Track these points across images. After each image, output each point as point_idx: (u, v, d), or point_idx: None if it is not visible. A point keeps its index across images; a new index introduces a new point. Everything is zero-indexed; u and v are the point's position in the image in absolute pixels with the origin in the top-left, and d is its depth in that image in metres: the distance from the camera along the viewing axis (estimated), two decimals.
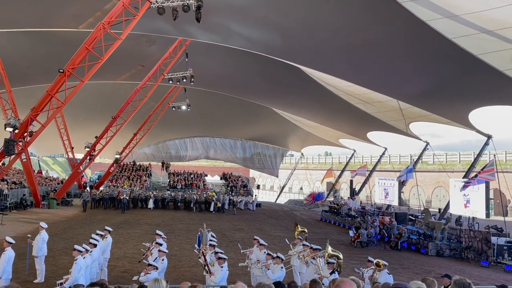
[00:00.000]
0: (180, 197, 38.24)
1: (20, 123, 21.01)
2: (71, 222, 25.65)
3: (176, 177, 47.74)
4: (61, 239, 19.38)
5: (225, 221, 29.69)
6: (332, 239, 19.18)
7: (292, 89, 33.13)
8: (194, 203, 36.36)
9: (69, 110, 38.07)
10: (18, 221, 24.95)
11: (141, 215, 31.43)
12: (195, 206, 36.19)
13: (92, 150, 36.81)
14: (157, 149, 57.23)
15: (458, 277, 5.01)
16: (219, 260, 10.03)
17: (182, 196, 38.18)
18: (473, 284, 5.00)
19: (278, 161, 58.99)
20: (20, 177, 36.68)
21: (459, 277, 4.98)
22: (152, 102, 40.39)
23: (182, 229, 24.61)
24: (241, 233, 24.20)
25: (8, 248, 10.61)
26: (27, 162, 30.93)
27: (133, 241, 19.77)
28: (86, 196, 33.62)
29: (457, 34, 16.34)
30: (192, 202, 36.34)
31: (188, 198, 37.33)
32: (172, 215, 32.24)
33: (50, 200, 33.53)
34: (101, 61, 20.69)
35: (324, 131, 43.15)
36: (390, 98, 26.85)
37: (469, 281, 4.85)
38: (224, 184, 49.55)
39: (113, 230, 14.35)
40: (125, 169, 48.64)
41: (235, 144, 57.46)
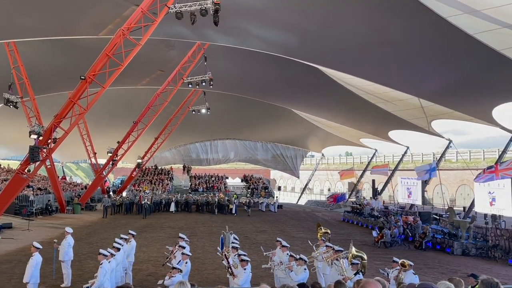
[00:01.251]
0: (191, 200, 38.66)
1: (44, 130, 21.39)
2: (96, 227, 26.01)
3: (197, 180, 48.04)
4: (86, 243, 19.67)
5: (247, 223, 29.72)
6: (355, 239, 19.03)
7: (312, 90, 33.00)
8: (206, 205, 37.06)
9: (91, 116, 38.69)
10: (44, 226, 25.41)
11: (163, 218, 31.69)
12: (204, 208, 37.02)
13: (114, 155, 37.25)
14: (178, 153, 57.68)
15: (485, 276, 4.93)
16: (242, 262, 10.04)
17: (194, 199, 38.45)
18: (501, 283, 4.90)
19: (298, 162, 58.83)
20: (45, 183, 37.34)
21: (486, 277, 4.89)
22: (172, 106, 40.72)
23: (204, 232, 24.72)
24: (263, 235, 24.19)
25: (36, 253, 10.82)
26: (51, 168, 31.59)
27: (157, 244, 19.94)
28: (107, 201, 33.13)
29: (478, 29, 16.06)
30: (205, 205, 37.17)
31: (200, 201, 37.72)
32: (194, 218, 32.43)
33: (74, 205, 34.09)
34: (121, 67, 20.94)
35: (345, 131, 42.87)
36: (411, 96, 26.53)
37: (497, 281, 4.76)
38: (245, 186, 49.63)
39: (136, 234, 14.51)
40: (147, 173, 49.16)
41: (256, 146, 57.54)
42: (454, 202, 41.79)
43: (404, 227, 24.45)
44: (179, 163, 56.37)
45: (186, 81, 32.70)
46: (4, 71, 28.14)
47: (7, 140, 46.17)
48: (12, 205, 26.89)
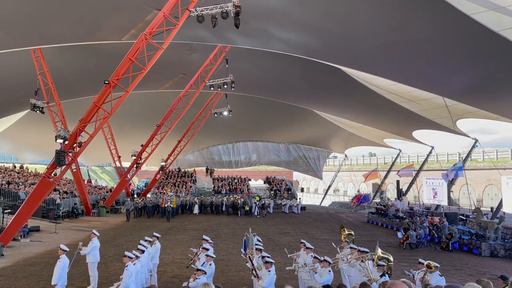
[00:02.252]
0: (208, 201, 38.89)
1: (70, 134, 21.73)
2: (121, 229, 26.33)
3: (220, 182, 48.21)
4: (111, 246, 19.92)
5: (270, 225, 29.70)
6: (380, 241, 18.82)
7: (334, 91, 32.82)
8: (220, 207, 37.61)
9: (115, 120, 39.17)
10: (71, 229, 25.85)
11: (187, 220, 31.91)
12: (219, 209, 37.52)
13: (138, 158, 37.67)
14: (201, 155, 58.01)
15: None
16: (266, 264, 10.03)
17: (210, 201, 38.61)
18: None
19: (321, 163, 58.54)
20: (71, 187, 37.96)
21: None
22: (194, 109, 40.99)
23: (228, 234, 24.79)
24: (287, 236, 24.13)
25: (63, 255, 11.00)
26: (77, 172, 32.11)
27: (181, 246, 20.07)
28: (129, 205, 32.77)
29: (504, 26, 15.72)
30: (220, 206, 37.66)
31: (216, 202, 38.00)
32: (218, 220, 32.55)
33: (100, 208, 34.61)
34: (144, 71, 21.16)
35: (368, 132, 42.48)
36: (435, 95, 26.14)
37: None
38: (267, 188, 49.59)
39: (161, 236, 14.63)
40: (170, 176, 49.59)
41: (278, 147, 57.49)
42: (481, 202, 40.99)
43: (430, 228, 24.08)
44: (202, 166, 56.70)
45: (208, 84, 32.87)
46: (30, 77, 28.73)
47: (34, 145, 47.17)
48: (40, 209, 27.41)
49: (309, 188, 70.75)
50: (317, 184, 68.68)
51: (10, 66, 27.60)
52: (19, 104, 33.39)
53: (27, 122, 39.13)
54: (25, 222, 21.54)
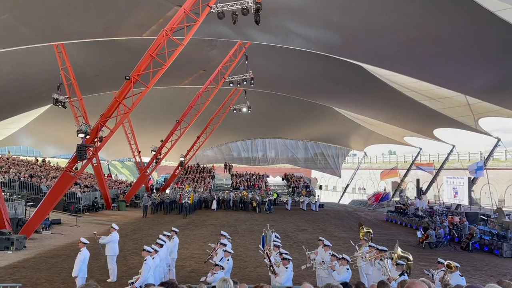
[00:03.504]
0: (219, 197, 38.95)
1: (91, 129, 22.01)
2: (140, 224, 26.60)
3: (238, 179, 48.30)
4: (131, 239, 20.14)
5: (288, 222, 29.68)
6: (399, 240, 18.64)
7: (354, 88, 32.58)
8: (231, 203, 37.94)
9: (136, 115, 39.53)
10: (91, 223, 26.21)
11: (205, 216, 32.08)
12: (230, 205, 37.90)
13: (158, 154, 37.94)
14: (219, 152, 58.23)
15: None
16: (284, 261, 10.03)
17: (216, 196, 38.70)
18: None
19: (340, 161, 58.23)
20: (91, 181, 38.48)
21: None
22: (214, 105, 41.11)
23: (246, 230, 24.85)
24: (304, 234, 24.09)
25: (83, 248, 11.18)
26: (97, 166, 32.52)
27: (199, 241, 20.19)
28: (146, 200, 32.26)
29: None
30: (231, 201, 37.95)
31: (225, 198, 38.39)
32: (235, 216, 32.65)
33: (119, 202, 35.00)
34: (164, 67, 21.29)
35: (388, 129, 42.09)
36: (457, 93, 25.75)
37: None
38: (286, 185, 49.53)
39: (179, 231, 14.74)
40: (189, 171, 49.86)
41: (297, 144, 57.39)
42: (503, 202, 40.24)
43: (450, 228, 23.78)
44: (221, 162, 56.89)
45: (228, 80, 32.92)
46: (53, 73, 29.15)
47: (56, 139, 47.90)
48: (61, 202, 27.85)
49: (328, 186, 70.42)
50: (335, 181, 68.30)
51: (33, 62, 28.05)
52: (41, 99, 33.92)
53: (50, 116, 39.71)
54: (47, 215, 21.91)
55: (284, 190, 47.56)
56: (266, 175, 50.96)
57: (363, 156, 59.76)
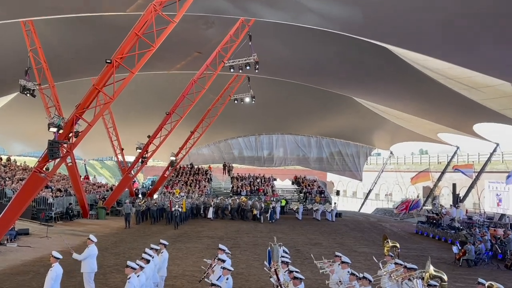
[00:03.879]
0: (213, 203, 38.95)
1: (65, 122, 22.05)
2: (123, 235, 26.65)
3: (240, 182, 48.35)
4: (112, 254, 20.18)
5: (299, 234, 29.70)
6: (431, 256, 18.61)
7: (379, 74, 32.47)
8: (227, 211, 38.18)
9: (118, 106, 39.59)
10: (65, 233, 26.25)
11: (200, 226, 32.11)
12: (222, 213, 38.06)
13: (144, 152, 37.97)
14: (217, 150, 58.28)
15: None
16: (294, 281, 10.01)
17: (214, 202, 38.72)
18: None
19: (361, 161, 58.12)
20: (65, 184, 38.52)
21: None
22: (211, 95, 41.09)
23: (248, 243, 24.87)
24: (318, 248, 24.09)
25: (55, 264, 11.15)
26: (72, 167, 32.59)
27: (193, 256, 20.22)
28: (128, 208, 31.26)
29: None
30: (227, 210, 38.19)
31: (221, 205, 38.42)
32: (236, 226, 32.69)
33: (98, 209, 35.08)
34: (152, 49, 21.30)
35: (419, 124, 41.98)
36: (503, 82, 25.61)
37: None
38: (296, 189, 49.53)
39: (169, 244, 14.75)
40: (181, 173, 49.94)
41: (309, 142, 57.37)
42: None
43: (492, 242, 23.70)
44: (219, 162, 56.93)
45: (227, 65, 32.89)
46: (20, 55, 29.11)
47: (23, 134, 47.93)
48: (29, 209, 27.84)
49: (346, 191, 70.38)
50: (355, 186, 68.25)
51: None
52: (6, 86, 33.95)
53: (16, 107, 39.72)
54: (12, 224, 21.97)
55: (294, 196, 47.59)
56: (273, 178, 51.05)
57: (389, 156, 59.65)
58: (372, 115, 45.84)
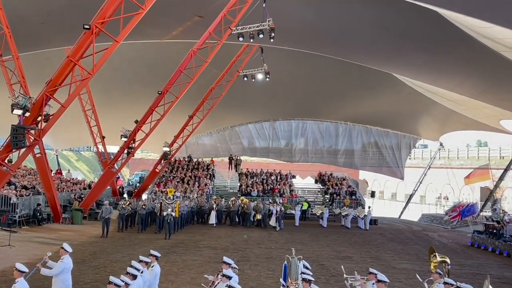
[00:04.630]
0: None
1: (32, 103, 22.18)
2: (103, 244, 26.75)
3: (250, 179, 48.33)
4: (90, 267, 20.27)
5: (323, 245, 29.68)
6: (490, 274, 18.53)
7: (426, 45, 32.30)
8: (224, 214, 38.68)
9: (99, 84, 39.67)
10: (31, 241, 26.39)
11: (200, 234, 32.18)
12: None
13: (131, 141, 38.01)
14: (222, 139, 58.32)
15: None
16: None
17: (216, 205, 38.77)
18: None
19: (403, 155, 57.88)
20: (32, 180, 38.69)
21: None
22: (214, 70, 41.10)
23: (260, 256, 24.89)
24: (347, 263, 24.03)
25: (20, 279, 11.18)
26: (41, 158, 32.64)
27: (190, 272, 20.27)
28: (107, 211, 30.43)
29: None
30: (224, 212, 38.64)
31: (214, 207, 38.40)
32: (244, 234, 32.70)
33: (74, 212, 35.18)
34: (142, 12, 21.32)
35: (476, 108, 41.74)
36: None
37: None
38: (320, 190, 49.50)
39: (161, 256, 14.78)
40: (177, 167, 50.03)
41: (337, 130, 57.17)
42: None
43: None
44: (224, 155, 57.03)
45: (235, 32, 32.82)
46: None
47: None
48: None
49: (383, 193, 70.27)
50: (395, 186, 68.10)
51: None
52: None
53: None
54: None
55: (317, 198, 47.60)
56: (292, 175, 51.02)
57: (438, 149, 59.34)
58: (417, 97, 45.59)
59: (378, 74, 42.46)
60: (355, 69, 41.65)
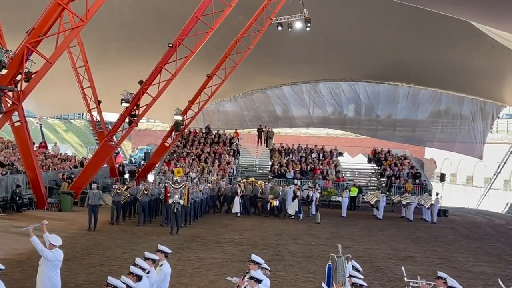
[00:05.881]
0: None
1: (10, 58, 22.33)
2: (99, 237, 26.99)
3: (284, 157, 48.27)
4: (82, 266, 20.48)
5: (378, 242, 29.62)
6: None
7: None
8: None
9: (94, 34, 39.80)
10: (9, 232, 26.73)
11: (221, 225, 32.35)
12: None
13: (134, 107, 38.08)
14: (249, 105, 58.25)
15: None
16: None
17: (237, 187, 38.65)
18: None
19: (483, 127, 57.38)
20: (9, 155, 39.05)
21: None
22: (240, 17, 41.01)
23: (297, 254, 24.96)
24: (409, 264, 24.03)
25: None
26: (21, 128, 32.92)
27: (209, 273, 20.40)
28: (95, 196, 30.06)
29: None
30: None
31: (224, 191, 38.80)
32: (277, 227, 32.81)
33: (62, 196, 35.45)
34: None
35: None
36: None
37: None
38: (375, 171, 49.37)
39: (173, 253, 14.89)
40: (192, 141, 50.07)
41: (396, 94, 56.68)
42: None
43: None
44: (251, 126, 57.02)
45: None
46: None
47: None
48: None
49: (456, 176, 69.82)
50: (472, 168, 67.60)
51: None
52: None
53: None
54: None
55: (371, 182, 47.52)
56: (338, 152, 50.84)
57: None
58: (500, 50, 45.09)
59: (451, 22, 42.02)
60: (420, 16, 41.26)
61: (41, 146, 48.82)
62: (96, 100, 45.08)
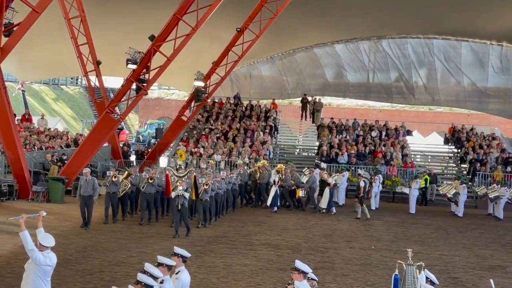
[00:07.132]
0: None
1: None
2: (99, 236, 27.21)
3: (336, 136, 48.22)
4: (77, 272, 20.67)
5: (458, 247, 29.52)
6: None
7: None
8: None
9: None
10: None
11: (253, 223, 32.47)
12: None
13: (142, 70, 38.15)
14: (291, 69, 58.11)
15: None
16: None
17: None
18: None
19: None
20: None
21: None
22: None
23: (352, 261, 24.97)
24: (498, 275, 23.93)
25: None
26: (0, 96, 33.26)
27: (239, 283, 20.49)
28: (88, 184, 29.68)
29: None
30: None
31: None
32: (326, 226, 32.85)
33: (51, 183, 35.72)
34: None
35: None
36: None
37: None
38: (453, 154, 49.18)
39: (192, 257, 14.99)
40: (217, 114, 50.09)
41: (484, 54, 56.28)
42: None
43: None
44: (294, 95, 57.02)
45: None
46: None
47: None
48: None
49: None
50: None
51: None
52: None
53: None
54: None
55: (448, 169, 47.39)
56: (406, 130, 50.71)
57: None
58: None
59: None
60: None
61: (24, 118, 49.12)
62: (95, 61, 45.22)
